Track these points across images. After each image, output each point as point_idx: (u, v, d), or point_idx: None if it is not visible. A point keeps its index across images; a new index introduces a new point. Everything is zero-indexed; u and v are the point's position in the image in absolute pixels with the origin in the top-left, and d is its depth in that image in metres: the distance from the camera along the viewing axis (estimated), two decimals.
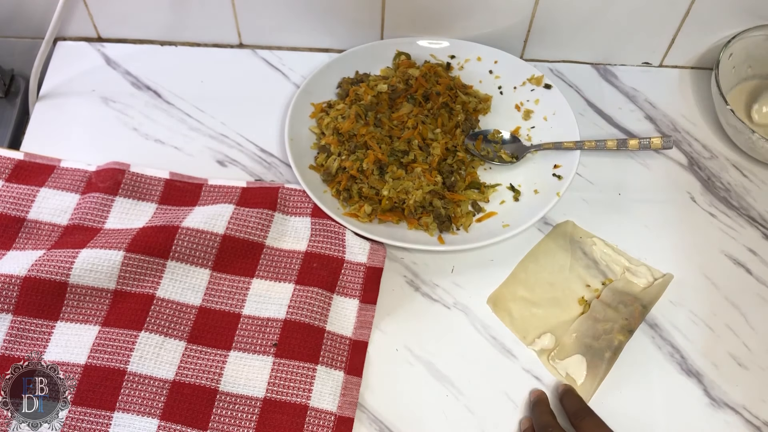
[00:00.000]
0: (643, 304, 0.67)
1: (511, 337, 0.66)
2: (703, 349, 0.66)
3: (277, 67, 0.83)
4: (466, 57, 0.82)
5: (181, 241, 0.66)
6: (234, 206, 0.69)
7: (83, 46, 0.84)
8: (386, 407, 0.63)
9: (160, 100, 0.80)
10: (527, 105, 0.79)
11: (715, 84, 0.75)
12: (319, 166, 0.74)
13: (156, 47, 0.84)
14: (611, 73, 0.84)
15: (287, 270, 0.68)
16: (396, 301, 0.68)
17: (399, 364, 0.65)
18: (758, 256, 0.71)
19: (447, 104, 0.76)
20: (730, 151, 0.78)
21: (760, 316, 0.68)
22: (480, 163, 0.75)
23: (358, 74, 0.80)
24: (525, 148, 0.76)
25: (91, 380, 0.61)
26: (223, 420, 0.60)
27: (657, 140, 0.75)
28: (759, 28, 0.77)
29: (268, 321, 0.65)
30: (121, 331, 0.63)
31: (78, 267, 0.64)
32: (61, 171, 0.72)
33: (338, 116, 0.75)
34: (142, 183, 0.71)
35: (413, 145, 0.72)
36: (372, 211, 0.70)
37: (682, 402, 0.64)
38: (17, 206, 0.69)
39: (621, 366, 0.65)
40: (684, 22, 0.79)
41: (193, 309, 0.65)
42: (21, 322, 0.63)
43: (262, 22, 0.81)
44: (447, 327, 0.67)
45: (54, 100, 0.79)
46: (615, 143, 0.75)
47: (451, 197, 0.71)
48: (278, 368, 0.63)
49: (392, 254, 0.70)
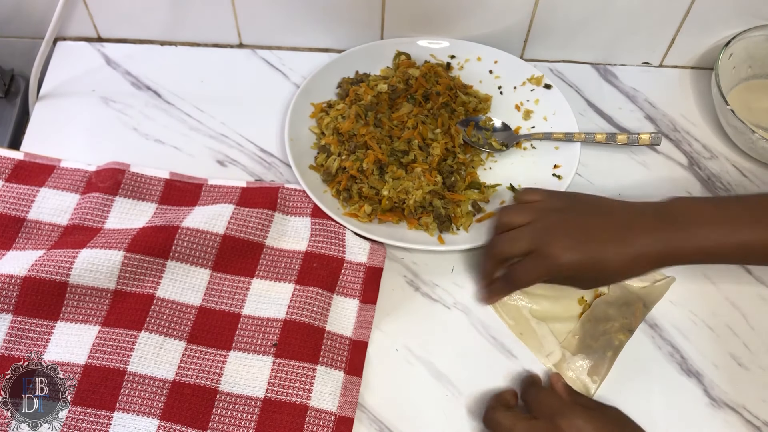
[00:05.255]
0: (645, 303, 0.67)
1: (511, 337, 0.66)
2: (703, 349, 0.66)
3: (277, 67, 0.83)
4: (466, 57, 0.82)
5: (181, 241, 0.66)
6: (234, 206, 0.69)
7: (83, 46, 0.84)
8: (386, 407, 0.63)
9: (160, 100, 0.80)
10: (527, 105, 0.79)
11: (715, 84, 0.75)
12: (319, 166, 0.74)
13: (156, 47, 0.84)
14: (611, 73, 0.84)
15: (287, 270, 0.68)
16: (396, 301, 0.68)
17: (399, 364, 0.65)
18: None
19: (447, 104, 0.76)
20: (730, 151, 0.78)
21: (760, 316, 0.68)
22: (480, 163, 0.75)
23: (358, 74, 0.80)
24: (515, 137, 0.76)
25: (91, 380, 0.61)
26: (223, 420, 0.60)
27: (645, 136, 0.76)
28: (759, 28, 0.77)
29: (268, 321, 0.65)
30: (121, 331, 0.63)
31: (78, 267, 0.64)
32: (61, 171, 0.72)
33: (338, 116, 0.75)
34: (142, 183, 0.71)
35: (413, 145, 0.72)
36: (372, 211, 0.70)
37: (682, 402, 0.64)
38: (17, 206, 0.69)
39: (621, 366, 0.65)
40: (684, 22, 0.79)
41: (193, 309, 0.65)
42: (21, 322, 0.63)
43: (262, 22, 0.81)
44: (447, 327, 0.67)
45: (54, 100, 0.79)
46: (604, 137, 0.76)
47: (451, 197, 0.71)
48: (278, 368, 0.63)
49: (392, 254, 0.70)
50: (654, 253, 0.57)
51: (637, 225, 0.58)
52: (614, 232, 0.58)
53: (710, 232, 0.57)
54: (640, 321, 0.67)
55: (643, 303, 0.68)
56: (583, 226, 0.59)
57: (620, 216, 0.59)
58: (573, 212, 0.61)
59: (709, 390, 0.64)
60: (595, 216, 0.60)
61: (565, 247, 0.58)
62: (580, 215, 0.60)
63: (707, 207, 0.59)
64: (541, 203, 0.62)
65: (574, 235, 0.58)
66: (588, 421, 0.55)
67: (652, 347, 0.66)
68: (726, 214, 0.58)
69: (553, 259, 0.58)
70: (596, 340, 0.66)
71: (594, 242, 0.58)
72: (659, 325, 0.67)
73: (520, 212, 0.62)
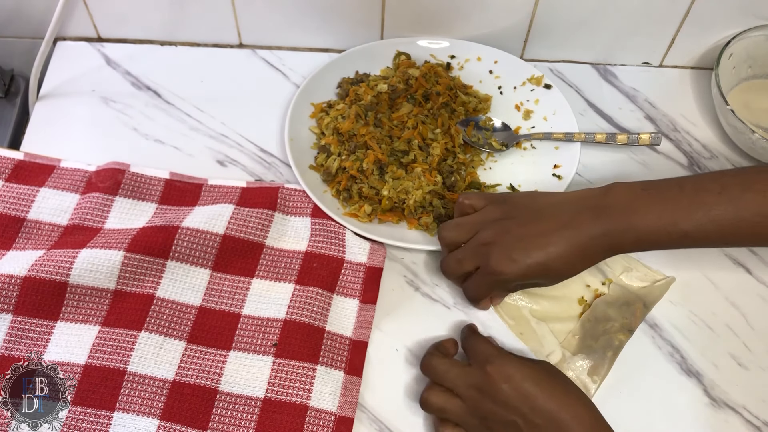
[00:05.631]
0: (645, 303, 0.67)
1: (511, 337, 0.66)
2: (703, 349, 0.66)
3: (277, 67, 0.83)
4: (466, 57, 0.82)
5: (181, 241, 0.66)
6: (234, 206, 0.69)
7: (83, 46, 0.84)
8: (386, 407, 0.63)
9: (160, 100, 0.80)
10: (527, 105, 0.79)
11: (715, 84, 0.75)
12: (319, 166, 0.74)
13: (156, 47, 0.84)
14: (611, 73, 0.84)
15: (287, 270, 0.68)
16: (396, 301, 0.68)
17: (399, 364, 0.65)
18: (758, 256, 0.71)
19: (447, 104, 0.76)
20: (730, 151, 0.78)
21: (760, 316, 0.68)
22: (480, 163, 0.75)
23: (358, 74, 0.80)
24: (515, 137, 0.76)
25: (91, 380, 0.61)
26: (223, 420, 0.60)
27: (645, 136, 0.76)
28: (759, 28, 0.77)
29: (268, 321, 0.65)
30: (121, 331, 0.63)
31: (78, 267, 0.64)
32: (61, 171, 0.72)
33: (338, 116, 0.75)
34: (142, 183, 0.71)
35: (413, 145, 0.72)
36: (372, 211, 0.70)
37: (682, 402, 0.64)
38: (17, 206, 0.69)
39: (621, 366, 0.65)
40: (684, 22, 0.79)
41: (193, 309, 0.65)
42: (21, 322, 0.63)
43: (262, 22, 0.81)
44: (447, 327, 0.67)
45: (54, 100, 0.79)
46: (604, 137, 0.76)
47: (451, 197, 0.71)
48: (278, 368, 0.63)
49: (392, 254, 0.70)
50: (597, 247, 0.58)
51: (576, 222, 0.58)
52: (554, 235, 0.58)
53: (648, 220, 0.57)
54: (640, 321, 0.67)
55: (643, 303, 0.68)
56: (522, 235, 0.59)
57: (559, 215, 0.59)
58: (511, 221, 0.60)
59: (709, 390, 0.64)
60: (534, 222, 0.59)
61: (507, 261, 0.58)
62: (518, 224, 0.60)
63: (644, 194, 0.58)
64: (478, 215, 0.63)
65: (514, 246, 0.58)
66: (518, 369, 0.56)
67: (652, 347, 0.66)
68: (663, 200, 0.57)
69: (498, 275, 0.59)
70: (596, 340, 0.66)
71: (535, 249, 0.58)
72: (659, 325, 0.67)
73: (459, 229, 0.63)
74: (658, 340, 0.67)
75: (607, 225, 0.57)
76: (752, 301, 0.69)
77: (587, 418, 0.54)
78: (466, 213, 0.64)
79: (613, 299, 0.67)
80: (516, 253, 0.58)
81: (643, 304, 0.67)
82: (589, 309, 0.67)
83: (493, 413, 0.55)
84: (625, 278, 0.69)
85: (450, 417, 0.59)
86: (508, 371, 0.56)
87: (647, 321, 0.67)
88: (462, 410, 0.57)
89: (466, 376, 0.58)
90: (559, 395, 0.55)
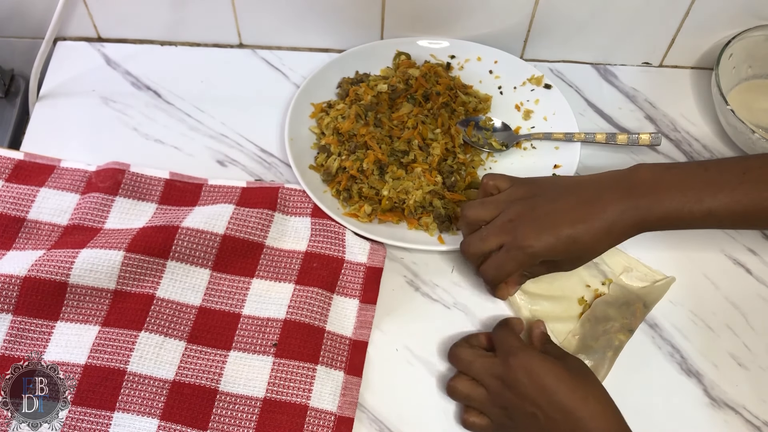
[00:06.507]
0: (645, 303, 0.67)
1: None
2: (703, 349, 0.66)
3: (277, 67, 0.83)
4: (466, 57, 0.82)
5: (181, 241, 0.66)
6: (234, 206, 0.69)
7: (83, 46, 0.84)
8: (386, 407, 0.63)
9: (160, 100, 0.80)
10: (527, 105, 0.79)
11: (715, 84, 0.75)
12: (319, 166, 0.74)
13: (156, 47, 0.84)
14: (611, 73, 0.84)
15: (287, 270, 0.68)
16: (396, 301, 0.68)
17: (399, 364, 0.65)
18: (758, 256, 0.71)
19: (447, 104, 0.76)
20: (730, 151, 0.78)
21: (760, 316, 0.68)
22: (480, 163, 0.75)
23: (358, 74, 0.80)
24: (515, 137, 0.76)
25: (91, 380, 0.61)
26: (223, 420, 0.60)
27: (645, 136, 0.76)
28: (759, 28, 0.77)
29: (268, 321, 0.65)
30: (121, 331, 0.63)
31: (78, 267, 0.64)
32: (61, 171, 0.72)
33: (338, 116, 0.75)
34: (142, 183, 0.71)
35: (413, 145, 0.73)
36: (372, 211, 0.70)
37: (682, 402, 0.64)
38: (17, 206, 0.69)
39: (621, 366, 0.65)
40: (684, 22, 0.79)
41: (193, 309, 0.65)
42: (21, 322, 0.63)
43: (262, 22, 0.81)
44: (447, 327, 0.67)
45: (54, 100, 0.79)
46: (604, 137, 0.76)
47: (451, 197, 0.71)
48: (278, 368, 0.63)
49: (392, 254, 0.71)
50: (623, 222, 0.58)
51: (604, 198, 0.59)
52: (581, 210, 0.59)
53: (673, 197, 0.58)
54: (640, 321, 0.67)
55: (643, 303, 0.68)
56: (549, 211, 0.59)
57: (585, 193, 0.60)
58: (537, 198, 0.61)
59: (709, 390, 0.64)
60: (561, 199, 0.60)
61: (535, 234, 0.58)
62: (545, 201, 0.60)
63: (669, 174, 0.59)
64: (504, 194, 0.63)
65: (542, 221, 0.59)
66: (540, 363, 0.56)
67: (652, 347, 0.66)
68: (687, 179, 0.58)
69: (526, 249, 0.59)
70: (596, 340, 0.66)
71: (563, 224, 0.58)
72: (659, 325, 0.67)
73: (485, 207, 0.62)
74: (658, 340, 0.67)
75: (633, 201, 0.58)
76: (752, 301, 0.69)
77: (605, 417, 0.55)
78: (490, 194, 0.64)
79: (613, 299, 0.67)
80: (544, 227, 0.58)
81: (643, 304, 0.67)
82: (589, 309, 0.67)
83: (514, 404, 0.57)
84: (625, 278, 0.69)
85: (474, 405, 0.60)
86: (529, 365, 0.56)
87: (647, 321, 0.67)
88: (486, 399, 0.59)
89: (490, 367, 0.59)
90: (579, 392, 0.55)
